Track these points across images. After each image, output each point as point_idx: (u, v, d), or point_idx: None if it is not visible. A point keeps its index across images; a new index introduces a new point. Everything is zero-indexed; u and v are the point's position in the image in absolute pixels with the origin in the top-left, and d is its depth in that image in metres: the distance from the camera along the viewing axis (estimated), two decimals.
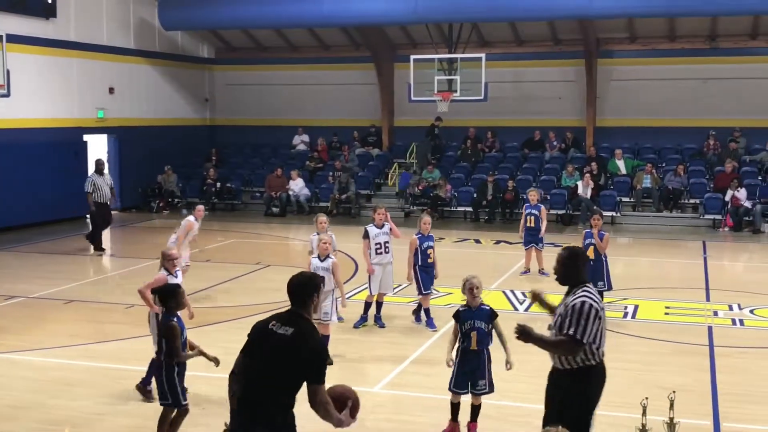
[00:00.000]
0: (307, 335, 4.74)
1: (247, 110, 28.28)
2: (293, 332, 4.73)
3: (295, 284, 4.93)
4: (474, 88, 21.98)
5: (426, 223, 11.49)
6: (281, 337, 4.73)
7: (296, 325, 4.76)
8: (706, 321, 11.63)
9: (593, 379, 5.48)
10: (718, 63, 23.85)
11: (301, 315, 4.84)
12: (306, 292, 4.88)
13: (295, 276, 5.02)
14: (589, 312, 5.34)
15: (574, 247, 5.93)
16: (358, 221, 23.37)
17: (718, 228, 21.30)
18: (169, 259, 8.43)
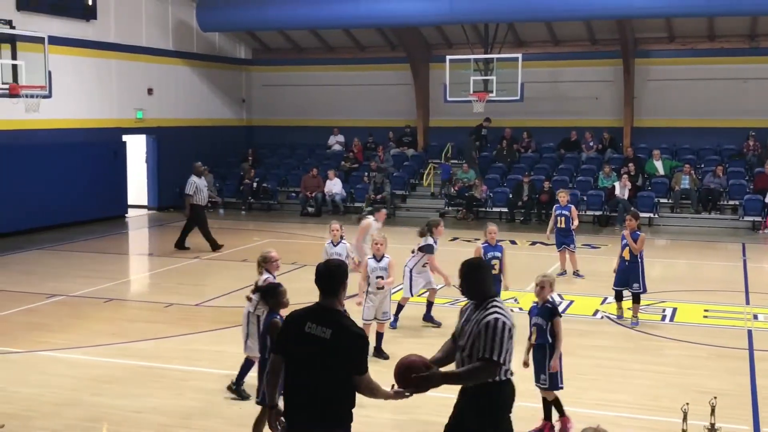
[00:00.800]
0: (346, 332, 4.75)
1: (283, 111, 28.45)
2: (332, 333, 4.73)
3: (324, 273, 4.91)
4: (510, 88, 21.88)
5: (492, 232, 11.13)
6: (321, 340, 4.72)
7: (333, 325, 4.76)
8: (745, 324, 11.49)
9: (503, 396, 5.20)
10: (758, 63, 23.51)
11: (335, 310, 4.84)
12: (337, 280, 4.89)
13: (322, 264, 5.00)
14: (503, 330, 5.01)
15: (474, 259, 5.71)
16: (393, 221, 23.38)
17: (758, 230, 21.01)
18: (270, 261, 8.46)
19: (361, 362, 4.75)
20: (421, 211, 24.27)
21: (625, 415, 7.65)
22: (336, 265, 5.03)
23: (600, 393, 8.54)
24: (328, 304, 4.87)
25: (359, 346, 4.79)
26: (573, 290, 13.61)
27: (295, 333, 4.83)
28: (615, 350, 10.18)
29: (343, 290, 4.93)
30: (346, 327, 4.79)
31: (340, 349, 4.71)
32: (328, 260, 5.15)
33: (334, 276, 4.90)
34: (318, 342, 4.72)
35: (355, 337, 4.77)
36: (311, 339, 4.74)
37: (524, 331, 10.84)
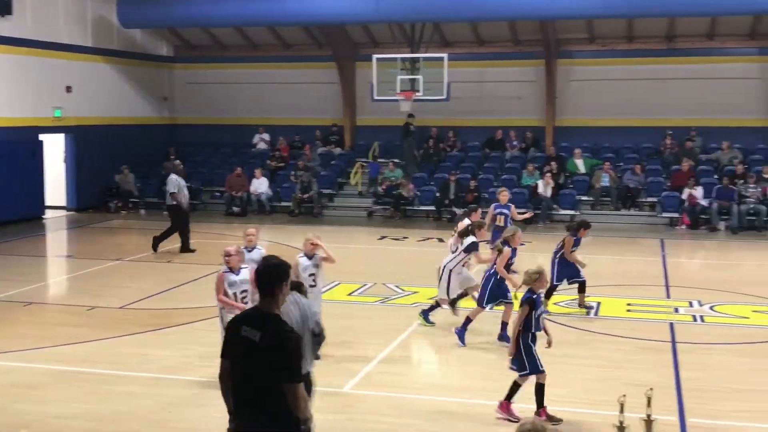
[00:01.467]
0: (275, 336, 4.59)
1: (207, 109, 28.03)
2: (261, 336, 4.59)
3: (261, 274, 4.76)
4: (436, 87, 22.05)
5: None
6: (251, 342, 4.62)
7: (263, 328, 4.61)
8: (667, 318, 11.80)
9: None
10: (675, 63, 24.23)
11: (269, 313, 4.68)
12: (272, 281, 4.71)
13: (261, 264, 4.86)
14: None
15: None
16: (320, 221, 23.32)
17: (676, 226, 21.64)
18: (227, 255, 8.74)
19: (288, 369, 4.56)
20: (348, 210, 24.26)
21: (561, 409, 7.76)
22: (274, 264, 4.82)
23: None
24: (263, 306, 4.73)
25: (288, 350, 4.57)
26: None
27: (234, 336, 4.73)
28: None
29: (281, 292, 4.74)
30: (276, 330, 4.62)
31: (269, 352, 4.56)
32: (267, 259, 4.95)
33: (271, 276, 4.73)
34: (250, 345, 4.61)
35: (284, 341, 4.58)
36: (245, 342, 4.64)
37: (414, 334, 10.87)
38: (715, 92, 23.87)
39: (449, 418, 7.75)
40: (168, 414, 7.87)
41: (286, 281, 4.78)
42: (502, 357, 9.72)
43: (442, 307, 11.21)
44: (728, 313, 12.07)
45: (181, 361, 9.57)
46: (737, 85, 23.89)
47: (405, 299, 12.89)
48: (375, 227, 21.92)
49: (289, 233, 20.67)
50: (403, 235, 20.13)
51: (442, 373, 9.77)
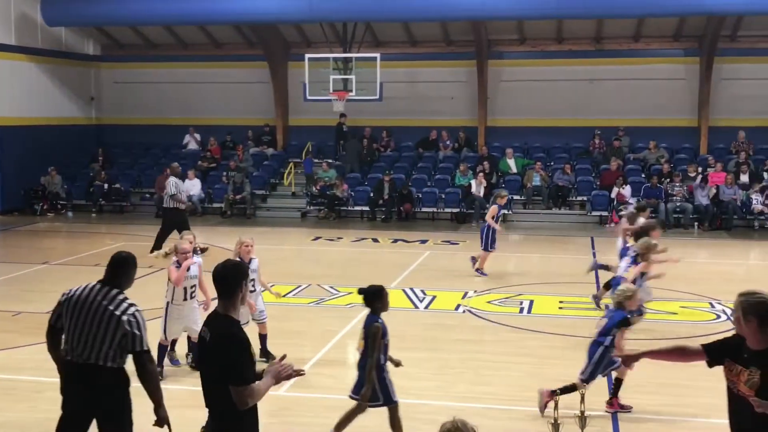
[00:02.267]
0: (220, 337, 4.56)
1: (136, 109, 27.48)
2: (210, 337, 4.61)
3: (218, 274, 4.69)
4: (369, 87, 22.05)
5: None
6: (205, 342, 4.65)
7: (213, 329, 4.62)
8: (598, 315, 11.95)
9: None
10: (603, 64, 24.71)
11: (222, 314, 4.63)
12: (231, 282, 4.66)
13: (219, 265, 4.77)
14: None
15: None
16: (253, 222, 23.10)
17: (605, 224, 22.07)
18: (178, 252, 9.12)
19: (232, 370, 4.48)
20: (282, 211, 24.10)
21: (493, 407, 7.81)
22: (231, 266, 4.78)
23: (467, 386, 8.68)
24: (219, 309, 4.68)
25: (231, 351, 4.52)
26: (434, 286, 13.82)
27: (200, 339, 4.77)
28: (479, 343, 10.40)
29: (239, 293, 4.67)
30: (222, 331, 4.58)
31: (215, 353, 4.56)
32: (226, 261, 4.88)
33: (226, 278, 4.67)
34: (204, 344, 4.65)
35: (227, 342, 4.53)
36: (201, 343, 4.70)
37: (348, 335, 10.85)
38: (642, 93, 24.44)
39: (385, 417, 7.72)
40: None
41: (245, 281, 4.75)
42: (433, 357, 9.77)
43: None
44: (657, 309, 12.32)
45: None
46: (663, 85, 24.50)
47: (340, 300, 12.83)
48: (309, 228, 21.81)
49: (221, 235, 20.40)
50: (337, 236, 20.08)
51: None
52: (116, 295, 5.64)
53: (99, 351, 5.55)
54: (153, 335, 10.84)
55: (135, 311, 5.59)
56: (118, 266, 5.76)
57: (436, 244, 18.76)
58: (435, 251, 17.82)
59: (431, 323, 11.46)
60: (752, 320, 4.40)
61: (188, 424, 6.42)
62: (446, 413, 7.64)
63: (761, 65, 23.84)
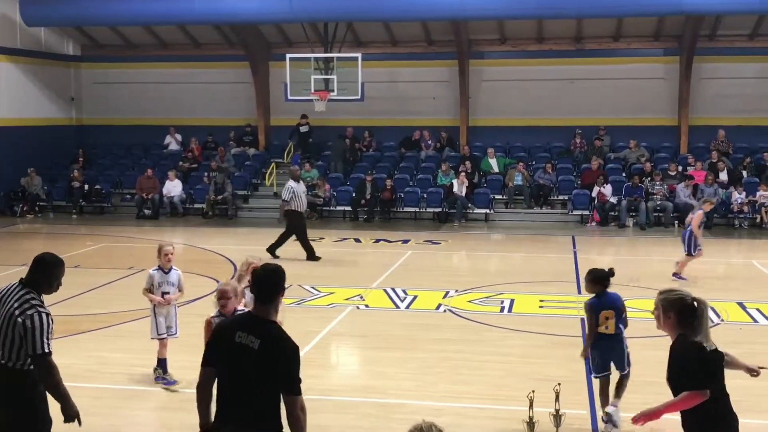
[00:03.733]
0: (276, 343, 4.46)
1: (116, 109, 27.33)
2: (261, 344, 4.44)
3: (260, 279, 4.60)
4: (351, 87, 22.04)
5: None
6: (250, 350, 4.44)
7: (263, 335, 4.48)
8: (578, 313, 12.00)
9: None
10: (583, 64, 24.81)
11: (266, 320, 4.55)
12: (272, 286, 4.59)
13: (259, 269, 4.70)
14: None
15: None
16: (235, 222, 23.02)
17: (586, 223, 22.16)
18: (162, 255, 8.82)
19: (292, 380, 4.43)
20: (263, 211, 24.00)
21: (472, 406, 7.82)
22: (272, 270, 4.67)
23: (448, 385, 8.68)
24: (260, 313, 4.57)
25: (290, 359, 4.45)
26: (416, 286, 13.82)
27: (226, 343, 4.55)
28: (459, 343, 10.40)
29: (280, 298, 4.63)
30: (277, 338, 4.49)
31: (270, 361, 4.42)
32: (266, 264, 4.81)
33: (270, 281, 4.60)
34: (247, 352, 4.44)
35: (286, 350, 4.46)
36: (240, 349, 4.47)
37: (328, 336, 10.86)
38: (622, 92, 24.56)
39: (365, 418, 7.71)
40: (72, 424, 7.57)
41: (283, 287, 4.67)
42: (413, 357, 9.76)
43: None
44: (637, 307, 12.34)
45: (86, 369, 9.26)
46: (643, 85, 24.64)
47: (321, 300, 12.80)
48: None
49: (202, 236, 20.35)
50: (319, 236, 20.00)
51: (358, 374, 9.72)
52: (24, 294, 5.43)
53: (7, 351, 5.39)
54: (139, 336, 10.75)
55: (35, 313, 5.33)
56: (36, 267, 5.60)
57: (418, 244, 18.77)
58: (417, 251, 17.82)
59: (412, 323, 11.46)
60: (672, 316, 4.76)
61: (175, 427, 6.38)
62: (425, 413, 7.68)
63: (740, 64, 24.01)
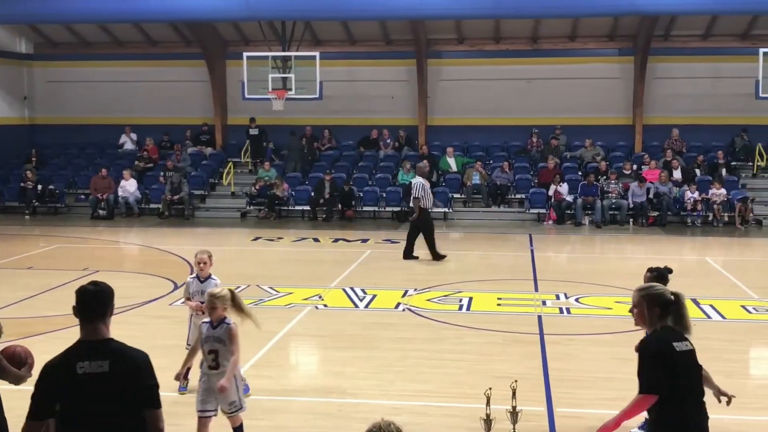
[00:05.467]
0: (126, 358, 4.15)
1: (70, 109, 26.90)
2: (110, 364, 4.09)
3: (88, 298, 4.19)
4: (309, 86, 21.97)
5: None
6: (100, 376, 4.06)
7: (108, 355, 4.12)
8: (535, 310, 12.13)
9: None
10: (539, 64, 25.03)
11: (103, 340, 4.17)
12: (107, 303, 4.23)
13: (87, 286, 4.24)
14: None
15: None
16: (192, 223, 22.81)
17: (542, 221, 22.36)
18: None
19: (151, 392, 4.14)
20: (221, 211, 23.85)
21: (431, 404, 7.83)
22: (101, 288, 4.26)
23: (406, 384, 8.69)
24: (95, 336, 4.17)
25: (144, 370, 4.15)
26: (375, 285, 13.82)
27: (66, 383, 4.07)
28: (418, 341, 10.42)
29: (111, 315, 4.26)
30: (125, 352, 4.17)
31: (125, 379, 4.09)
32: (94, 282, 4.30)
33: (105, 297, 4.22)
34: (98, 380, 4.05)
35: (138, 362, 4.15)
36: (89, 380, 4.05)
37: (287, 336, 10.83)
38: (578, 92, 24.82)
39: (323, 418, 7.69)
40: None
41: (113, 303, 4.30)
42: (372, 356, 9.76)
43: None
44: (593, 304, 12.52)
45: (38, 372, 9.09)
46: (598, 84, 24.93)
47: (279, 300, 12.73)
48: (249, 228, 21.63)
49: (159, 236, 20.13)
50: (277, 236, 19.94)
51: (317, 374, 9.68)
52: None
53: None
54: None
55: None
56: None
57: (377, 243, 18.77)
58: (376, 250, 17.83)
59: (371, 322, 11.45)
60: (657, 310, 4.82)
61: None
62: (384, 412, 7.68)
63: (693, 64, 24.42)
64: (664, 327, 4.82)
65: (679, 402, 4.70)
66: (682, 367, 4.73)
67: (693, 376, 4.81)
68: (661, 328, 4.82)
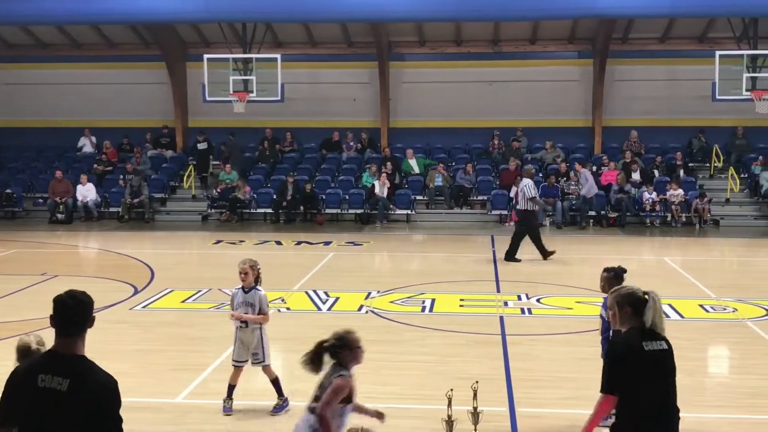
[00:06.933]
0: (89, 381, 3.87)
1: (27, 111, 26.48)
2: (70, 384, 3.83)
3: (65, 309, 3.93)
4: (270, 88, 21.88)
5: None
6: (57, 394, 3.82)
7: (71, 373, 3.86)
8: (497, 311, 12.20)
9: None
10: (500, 66, 25.20)
11: (73, 356, 3.91)
12: (82, 315, 3.96)
13: (63, 295, 3.98)
14: None
15: None
16: (152, 226, 22.59)
17: (504, 223, 22.50)
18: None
19: (111, 422, 3.86)
20: (181, 214, 23.65)
21: (394, 406, 7.81)
22: (80, 298, 4.00)
23: (370, 386, 8.65)
24: (66, 349, 3.92)
25: (105, 399, 3.86)
26: (338, 287, 13.80)
27: (27, 391, 3.88)
28: (381, 343, 10.40)
29: (88, 328, 4.00)
30: (89, 374, 3.88)
31: (82, 402, 3.81)
32: (71, 291, 4.02)
33: (78, 310, 3.95)
34: (54, 397, 3.81)
35: (101, 387, 3.86)
36: (46, 395, 3.82)
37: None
38: (539, 94, 25.05)
39: (287, 422, 7.65)
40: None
41: (92, 316, 4.04)
42: None
43: None
44: (554, 304, 12.63)
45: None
46: (559, 87, 25.18)
47: None
48: (210, 231, 21.49)
49: (118, 240, 19.91)
50: (239, 239, 19.82)
51: (280, 378, 9.62)
52: None
53: None
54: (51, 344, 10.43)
55: None
56: None
57: (340, 246, 18.75)
58: (339, 252, 17.81)
59: (334, 325, 11.24)
60: (628, 309, 4.87)
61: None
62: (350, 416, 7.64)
63: (651, 66, 24.79)
64: (634, 327, 4.82)
65: (641, 404, 4.71)
66: (649, 366, 4.73)
67: (661, 377, 4.79)
68: (632, 328, 4.83)
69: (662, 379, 4.82)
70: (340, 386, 5.35)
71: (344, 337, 5.45)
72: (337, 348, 5.56)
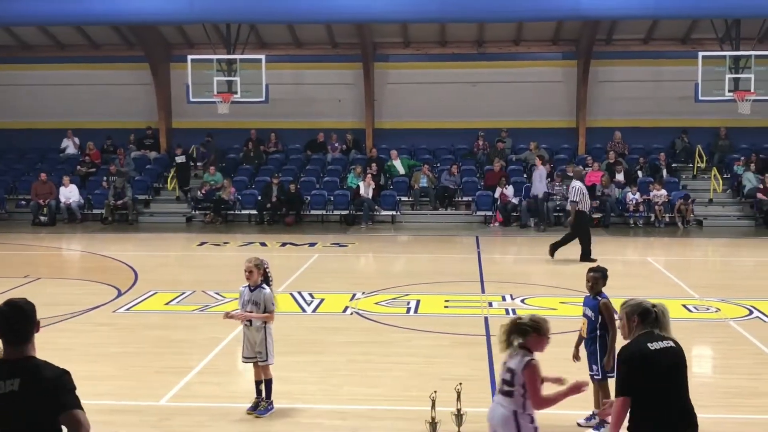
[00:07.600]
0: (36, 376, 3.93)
1: (10, 112, 26.30)
2: (21, 382, 3.90)
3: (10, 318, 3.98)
4: (254, 89, 21.83)
5: None
6: (10, 396, 3.88)
7: (20, 373, 3.92)
8: (482, 312, 12.22)
9: None
10: (485, 68, 25.26)
11: (20, 359, 3.97)
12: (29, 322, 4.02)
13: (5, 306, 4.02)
14: None
15: None
16: (136, 228, 22.49)
17: (489, 223, 22.56)
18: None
19: (67, 398, 3.91)
20: (166, 216, 23.55)
21: (379, 408, 7.83)
22: (21, 306, 4.04)
23: (355, 388, 8.68)
24: (16, 355, 3.97)
25: (57, 383, 3.92)
26: (322, 289, 13.78)
27: None
28: (366, 345, 10.41)
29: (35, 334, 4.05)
30: (38, 368, 3.95)
31: (37, 393, 3.89)
32: (10, 301, 4.06)
33: (22, 318, 4.00)
34: (9, 400, 3.87)
35: (51, 375, 3.93)
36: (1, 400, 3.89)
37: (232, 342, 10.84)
38: (523, 95, 25.12)
39: (271, 424, 7.63)
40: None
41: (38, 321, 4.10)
42: (319, 360, 9.72)
43: None
44: (538, 305, 12.65)
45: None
46: (543, 88, 25.27)
47: (226, 306, 12.57)
48: (194, 233, 21.42)
49: (102, 242, 19.81)
50: (223, 241, 19.76)
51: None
52: None
53: None
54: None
55: None
56: None
57: (325, 247, 18.73)
58: (324, 254, 17.79)
59: (318, 326, 11.42)
60: (635, 319, 5.08)
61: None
62: (331, 416, 7.69)
63: (635, 68, 24.91)
64: (641, 333, 5.02)
65: (653, 403, 4.87)
66: (657, 364, 4.89)
67: (669, 374, 4.96)
68: (639, 334, 5.03)
69: (673, 378, 5.00)
70: (535, 372, 5.56)
71: (539, 322, 5.60)
72: (530, 329, 5.63)
